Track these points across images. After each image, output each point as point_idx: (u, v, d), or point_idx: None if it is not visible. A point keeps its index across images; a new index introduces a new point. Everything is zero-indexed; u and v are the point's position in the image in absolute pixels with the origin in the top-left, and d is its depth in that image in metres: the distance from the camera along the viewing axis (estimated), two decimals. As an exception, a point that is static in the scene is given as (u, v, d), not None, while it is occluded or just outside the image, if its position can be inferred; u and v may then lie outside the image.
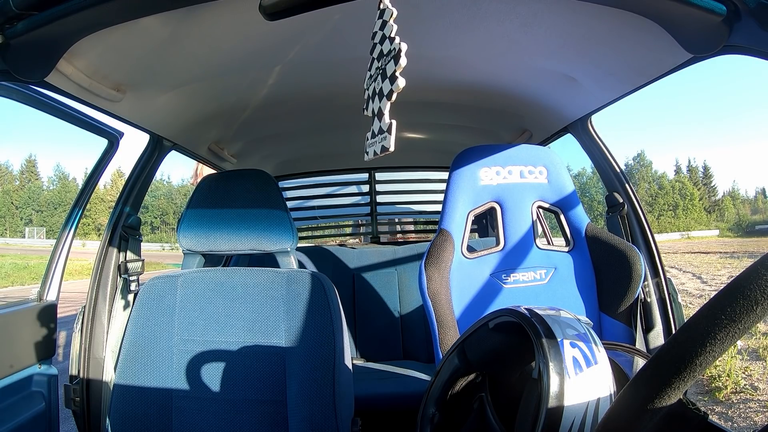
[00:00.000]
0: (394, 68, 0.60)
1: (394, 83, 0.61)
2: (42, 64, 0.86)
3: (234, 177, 1.16)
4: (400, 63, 0.60)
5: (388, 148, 0.61)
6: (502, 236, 1.25)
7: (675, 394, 0.37)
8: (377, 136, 0.65)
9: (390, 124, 0.62)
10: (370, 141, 0.67)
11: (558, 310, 0.62)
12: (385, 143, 0.62)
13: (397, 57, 0.60)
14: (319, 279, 1.02)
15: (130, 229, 1.42)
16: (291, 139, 2.01)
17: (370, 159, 0.67)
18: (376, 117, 0.65)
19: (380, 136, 0.64)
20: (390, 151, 0.61)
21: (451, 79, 1.36)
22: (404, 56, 0.60)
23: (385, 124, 0.62)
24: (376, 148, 0.65)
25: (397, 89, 0.60)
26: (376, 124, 0.66)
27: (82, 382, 1.30)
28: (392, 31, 0.63)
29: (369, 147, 0.67)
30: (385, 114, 0.63)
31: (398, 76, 0.60)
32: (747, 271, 0.34)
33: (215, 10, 0.85)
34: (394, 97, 0.62)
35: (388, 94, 0.62)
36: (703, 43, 0.84)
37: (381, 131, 0.63)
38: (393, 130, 0.61)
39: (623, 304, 1.17)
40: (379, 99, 0.65)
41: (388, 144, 0.61)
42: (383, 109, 0.63)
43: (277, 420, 0.96)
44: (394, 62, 0.61)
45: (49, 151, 79.30)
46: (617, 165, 1.46)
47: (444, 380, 0.75)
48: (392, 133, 0.61)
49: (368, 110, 0.69)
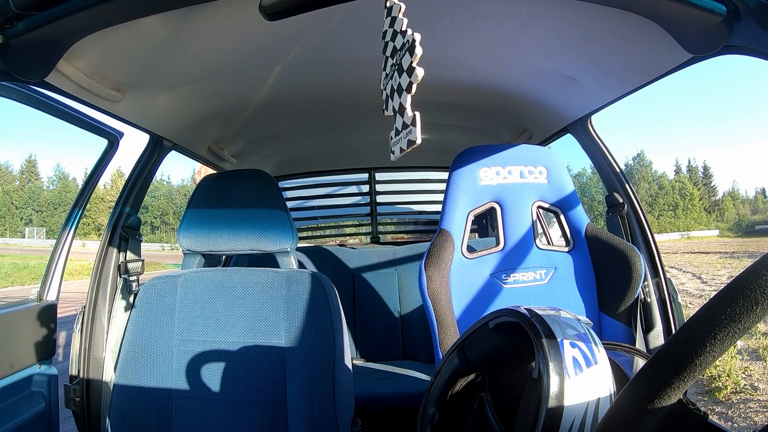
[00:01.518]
0: (411, 59, 0.60)
1: (413, 74, 0.60)
2: (42, 64, 0.86)
3: (234, 177, 1.16)
4: (416, 53, 0.59)
5: (415, 140, 0.60)
6: (502, 236, 1.25)
7: (675, 394, 0.37)
8: (401, 132, 0.64)
9: (413, 116, 0.61)
10: (394, 139, 0.67)
11: (558, 310, 0.62)
12: (411, 137, 0.61)
13: (412, 48, 0.60)
14: (319, 279, 1.02)
15: (130, 229, 1.42)
16: (291, 139, 2.01)
17: (397, 158, 0.66)
18: (398, 113, 0.65)
19: (404, 132, 0.63)
20: (417, 144, 0.60)
21: (451, 79, 1.36)
22: (419, 46, 0.59)
23: (408, 117, 0.62)
24: (402, 145, 0.64)
25: (416, 80, 0.60)
26: (399, 120, 0.65)
27: (82, 382, 1.30)
28: (403, 24, 0.63)
29: (395, 145, 0.67)
30: (407, 108, 0.62)
31: (416, 67, 0.60)
32: (747, 271, 0.34)
33: (215, 10, 0.85)
34: (414, 89, 0.61)
35: (408, 87, 0.61)
36: (703, 43, 0.84)
37: (405, 126, 0.63)
38: (417, 122, 0.60)
39: (623, 304, 1.17)
40: (399, 95, 0.64)
41: (414, 137, 0.60)
42: (404, 104, 0.62)
43: (277, 420, 0.96)
44: (410, 54, 0.60)
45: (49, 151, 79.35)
46: (617, 165, 1.46)
47: (444, 380, 0.74)
48: (417, 125, 0.60)
49: (388, 109, 0.68)
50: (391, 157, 0.68)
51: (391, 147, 0.68)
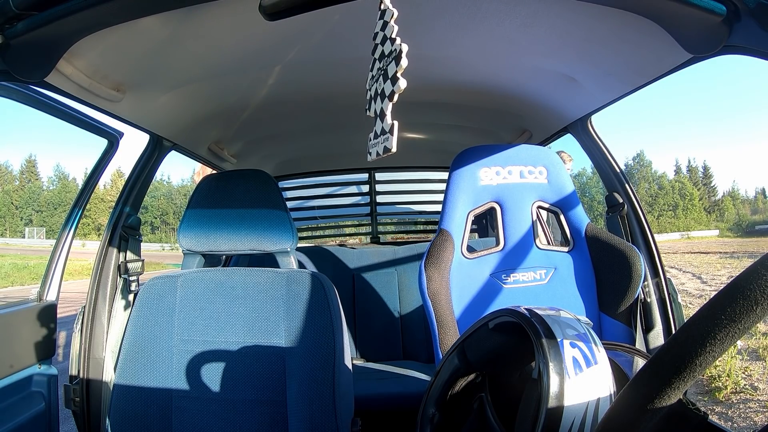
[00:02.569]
0: (396, 69, 0.61)
1: (396, 84, 0.61)
2: (42, 64, 0.86)
3: (234, 177, 1.16)
4: (401, 64, 0.60)
5: (390, 149, 0.61)
6: (502, 236, 1.25)
7: (675, 394, 0.37)
8: (380, 137, 0.65)
9: (392, 125, 0.62)
10: (372, 142, 0.68)
11: (558, 310, 0.62)
12: (387, 144, 0.62)
13: (398, 58, 0.60)
14: (319, 279, 1.02)
15: (130, 229, 1.42)
16: (291, 139, 2.01)
17: (372, 160, 0.67)
18: (378, 118, 0.66)
19: (382, 137, 0.64)
20: (392, 152, 0.61)
21: (451, 79, 1.36)
22: (405, 57, 0.60)
23: (387, 125, 0.63)
24: (378, 149, 0.65)
25: (399, 90, 0.61)
26: (378, 125, 0.66)
27: (82, 382, 1.30)
28: (393, 32, 0.63)
29: (372, 148, 0.68)
30: (387, 115, 0.63)
31: (399, 77, 0.60)
32: (747, 271, 0.34)
33: (215, 10, 0.85)
34: (396, 98, 0.62)
35: (390, 95, 0.62)
36: (703, 43, 0.84)
37: (383, 132, 0.64)
38: (395, 132, 0.61)
39: (623, 304, 1.17)
40: (381, 100, 0.65)
41: (391, 145, 0.61)
42: (385, 110, 0.63)
43: (277, 420, 0.96)
44: (396, 63, 0.61)
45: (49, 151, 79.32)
46: (617, 165, 1.46)
47: (444, 380, 0.75)
48: (394, 134, 0.61)
49: (370, 111, 0.69)
50: (367, 158, 0.69)
51: (369, 148, 0.69)
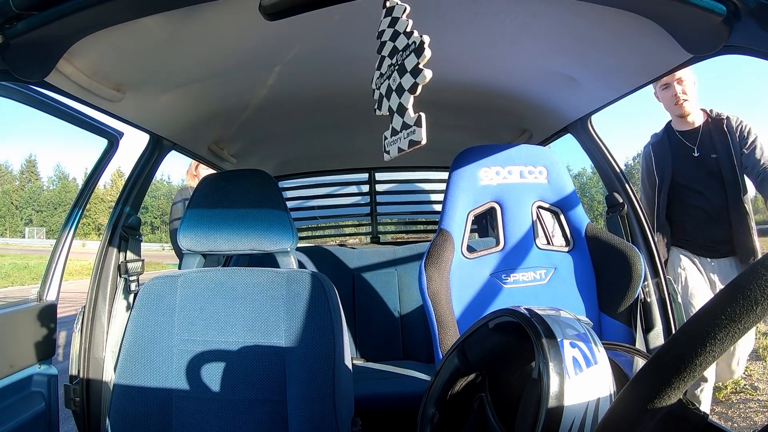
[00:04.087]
0: (417, 61, 0.60)
1: (419, 76, 0.60)
2: (42, 64, 0.85)
3: (234, 177, 1.16)
4: (424, 55, 0.59)
5: (419, 141, 0.60)
6: (501, 236, 1.25)
7: (675, 394, 0.37)
8: (400, 133, 0.64)
9: (417, 117, 0.61)
10: (390, 139, 0.66)
11: (558, 310, 0.62)
12: (414, 137, 0.61)
13: (419, 50, 0.60)
14: (319, 279, 1.02)
15: (130, 229, 1.42)
16: (291, 139, 2.01)
17: (393, 157, 0.66)
18: (396, 114, 0.65)
19: (405, 132, 0.63)
20: (422, 145, 0.60)
21: (450, 79, 1.36)
22: (428, 48, 0.59)
23: (411, 118, 0.62)
24: (401, 145, 0.64)
25: (423, 81, 0.60)
26: (397, 120, 0.65)
27: (82, 382, 1.30)
28: (407, 26, 0.63)
29: (390, 145, 0.66)
30: (408, 109, 0.62)
31: (423, 68, 0.60)
32: (747, 271, 0.34)
33: (215, 10, 0.85)
34: (419, 90, 0.61)
35: (411, 87, 0.62)
36: (703, 43, 0.84)
37: (406, 126, 0.63)
38: (423, 123, 0.60)
39: (623, 304, 1.17)
40: (399, 95, 0.64)
41: (419, 137, 0.60)
42: (405, 104, 0.63)
43: (277, 420, 0.96)
44: (416, 55, 0.60)
45: (49, 151, 79.32)
46: (617, 165, 1.46)
47: (444, 380, 0.74)
48: (423, 126, 0.60)
49: (382, 109, 0.68)
50: (385, 157, 0.68)
51: (386, 147, 0.68)
